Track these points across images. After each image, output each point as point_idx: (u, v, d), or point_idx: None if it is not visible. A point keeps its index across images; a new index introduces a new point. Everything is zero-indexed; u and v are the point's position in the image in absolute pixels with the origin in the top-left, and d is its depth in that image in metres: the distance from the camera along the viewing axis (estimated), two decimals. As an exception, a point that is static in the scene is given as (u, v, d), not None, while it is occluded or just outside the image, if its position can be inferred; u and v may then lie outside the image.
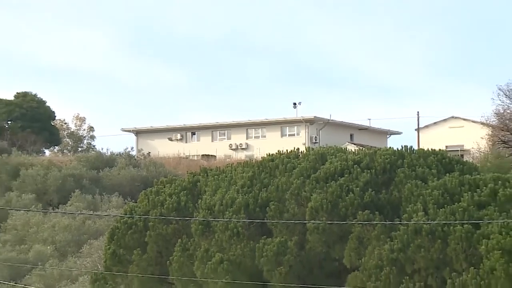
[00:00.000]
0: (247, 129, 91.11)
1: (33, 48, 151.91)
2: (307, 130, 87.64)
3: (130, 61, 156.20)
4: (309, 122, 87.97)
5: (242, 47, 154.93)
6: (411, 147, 47.58)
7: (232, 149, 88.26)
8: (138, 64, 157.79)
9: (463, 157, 56.66)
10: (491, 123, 73.72)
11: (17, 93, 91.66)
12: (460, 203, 39.87)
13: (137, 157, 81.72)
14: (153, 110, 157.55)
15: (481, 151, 68.78)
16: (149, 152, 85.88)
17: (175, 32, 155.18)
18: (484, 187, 40.68)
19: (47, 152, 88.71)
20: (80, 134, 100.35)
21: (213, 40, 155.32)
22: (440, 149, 50.71)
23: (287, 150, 47.83)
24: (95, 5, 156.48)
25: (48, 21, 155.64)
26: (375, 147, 58.22)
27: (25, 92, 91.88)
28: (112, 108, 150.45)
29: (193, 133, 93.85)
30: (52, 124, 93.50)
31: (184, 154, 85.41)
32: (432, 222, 39.19)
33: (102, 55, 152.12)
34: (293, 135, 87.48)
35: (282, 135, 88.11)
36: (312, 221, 41.02)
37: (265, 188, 43.25)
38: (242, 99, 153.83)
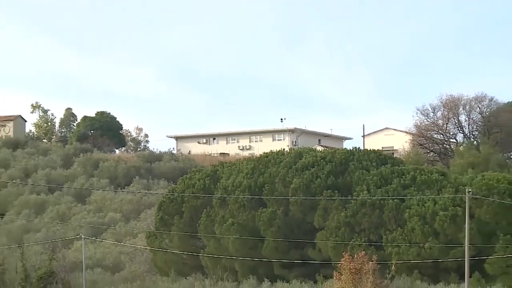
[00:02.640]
0: (250, 136, 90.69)
1: (109, 81, 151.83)
2: (290, 136, 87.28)
3: (171, 88, 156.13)
4: (291, 131, 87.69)
5: (247, 79, 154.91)
6: (359, 148, 47.70)
7: (240, 149, 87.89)
8: (177, 90, 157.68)
9: (393, 155, 56.54)
10: (412, 132, 73.75)
11: (97, 112, 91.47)
12: (391, 185, 39.94)
13: (177, 154, 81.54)
14: (187, 122, 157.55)
15: (405, 151, 68.72)
16: (190, 151, 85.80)
17: (201, 68, 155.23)
18: (407, 174, 40.75)
19: (117, 151, 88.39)
20: (139, 139, 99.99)
21: (227, 74, 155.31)
22: (378, 149, 50.73)
23: (276, 150, 47.95)
24: (145, 50, 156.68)
25: (114, 61, 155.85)
26: (335, 148, 58.27)
27: (103, 111, 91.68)
28: (160, 121, 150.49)
29: (214, 138, 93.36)
30: (120, 132, 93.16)
31: (208, 152, 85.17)
32: (372, 198, 39.25)
33: (153, 84, 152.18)
34: (281, 140, 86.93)
35: (273, 140, 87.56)
36: (293, 197, 41.07)
37: (262, 175, 43.26)
38: (246, 115, 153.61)
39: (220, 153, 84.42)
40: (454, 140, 72.59)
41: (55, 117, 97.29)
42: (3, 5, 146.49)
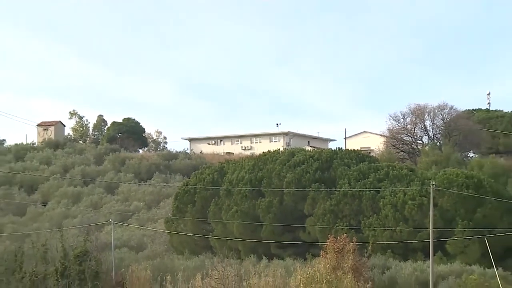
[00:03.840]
0: (251, 138, 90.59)
1: (134, 93, 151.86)
2: (284, 138, 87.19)
3: (185, 98, 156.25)
4: (285, 134, 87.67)
5: (248, 91, 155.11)
6: (341, 148, 47.81)
7: (242, 149, 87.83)
8: (190, 100, 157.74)
9: (370, 154, 56.52)
10: (385, 135, 73.66)
11: (124, 118, 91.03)
12: (368, 179, 39.97)
13: (190, 153, 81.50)
14: (199, 126, 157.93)
15: (380, 150, 68.63)
16: (201, 151, 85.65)
17: (210, 81, 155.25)
18: (382, 170, 40.78)
19: (140, 151, 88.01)
20: (159, 140, 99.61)
21: (232, 86, 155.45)
22: (357, 149, 50.74)
23: (273, 150, 47.99)
24: (163, 67, 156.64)
25: (138, 76, 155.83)
26: (321, 148, 58.30)
27: (129, 117, 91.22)
28: (176, 125, 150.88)
29: (221, 140, 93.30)
30: (143, 135, 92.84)
31: (216, 152, 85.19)
32: (353, 189, 39.27)
33: (170, 94, 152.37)
34: (276, 141, 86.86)
35: (270, 141, 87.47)
36: (287, 189, 41.12)
37: (261, 171, 43.31)
38: (248, 120, 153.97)
39: (226, 153, 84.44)
40: (420, 142, 72.52)
41: (89, 122, 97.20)
42: (51, 32, 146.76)
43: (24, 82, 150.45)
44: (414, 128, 71.89)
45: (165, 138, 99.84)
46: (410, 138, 72.21)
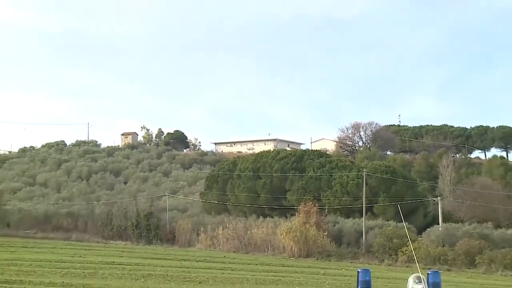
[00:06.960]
0: (252, 142, 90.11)
1: (181, 114, 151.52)
2: (273, 143, 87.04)
3: (214, 118, 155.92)
4: (274, 140, 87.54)
5: (250, 113, 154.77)
6: (309, 148, 47.75)
7: (247, 150, 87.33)
8: (214, 119, 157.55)
9: (327, 152, 56.49)
10: (336, 140, 73.53)
11: (174, 130, 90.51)
12: (325, 167, 39.98)
13: (215, 152, 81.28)
14: (220, 135, 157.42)
15: (333, 150, 68.49)
16: (222, 151, 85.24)
17: (228, 107, 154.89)
18: (333, 162, 40.80)
19: (185, 150, 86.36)
20: (196, 144, 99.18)
21: (243, 111, 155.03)
22: (318, 150, 50.68)
23: (266, 150, 47.94)
24: (198, 98, 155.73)
25: (183, 104, 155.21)
26: (296, 148, 58.20)
27: (177, 129, 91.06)
28: (207, 134, 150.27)
29: (234, 144, 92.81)
30: (186, 140, 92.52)
31: (231, 151, 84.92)
32: (316, 174, 39.28)
33: (204, 116, 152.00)
34: (268, 144, 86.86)
35: (265, 144, 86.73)
36: (275, 174, 41.14)
37: (259, 162, 43.28)
38: (250, 131, 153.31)
39: (238, 151, 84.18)
40: (358, 145, 72.52)
41: (153, 133, 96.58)
42: (133, 77, 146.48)
43: (114, 109, 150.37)
44: (354, 136, 71.91)
45: (200, 142, 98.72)
46: (351, 142, 72.19)
